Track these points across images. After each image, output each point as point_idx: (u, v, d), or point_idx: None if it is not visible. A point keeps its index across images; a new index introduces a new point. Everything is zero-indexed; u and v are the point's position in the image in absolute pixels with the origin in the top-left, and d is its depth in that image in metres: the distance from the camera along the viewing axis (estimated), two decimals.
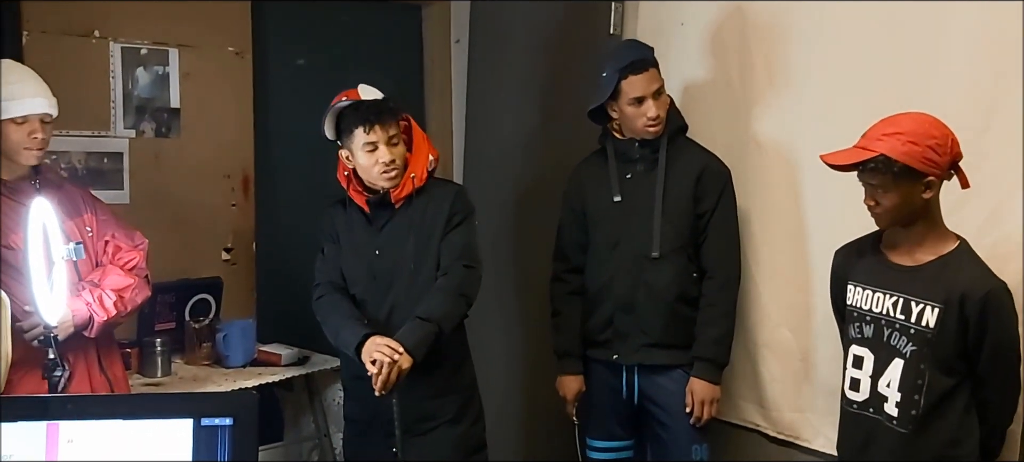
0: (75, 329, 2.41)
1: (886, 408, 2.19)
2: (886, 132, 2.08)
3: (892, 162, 2.05)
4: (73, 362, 2.43)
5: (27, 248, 2.09)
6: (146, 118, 3.31)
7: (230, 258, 3.52)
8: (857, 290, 2.27)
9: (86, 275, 2.53)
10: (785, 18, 2.85)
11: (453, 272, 2.60)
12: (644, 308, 2.78)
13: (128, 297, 2.53)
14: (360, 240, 2.67)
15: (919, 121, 2.09)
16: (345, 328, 2.57)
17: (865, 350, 2.24)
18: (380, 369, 2.43)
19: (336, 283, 2.68)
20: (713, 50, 3.07)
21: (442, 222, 2.63)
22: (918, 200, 2.09)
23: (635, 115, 2.73)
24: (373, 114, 2.57)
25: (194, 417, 1.43)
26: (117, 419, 1.44)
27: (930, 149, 2.05)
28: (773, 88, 2.90)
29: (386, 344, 2.46)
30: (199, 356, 3.23)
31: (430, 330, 2.51)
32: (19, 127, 2.40)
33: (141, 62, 3.29)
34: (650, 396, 2.83)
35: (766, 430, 2.99)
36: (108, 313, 2.46)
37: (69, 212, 2.52)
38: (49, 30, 3.03)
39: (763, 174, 2.90)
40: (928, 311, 2.11)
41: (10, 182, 2.44)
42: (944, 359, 2.11)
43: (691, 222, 2.78)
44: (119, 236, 2.62)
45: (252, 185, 3.58)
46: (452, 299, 2.58)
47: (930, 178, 2.07)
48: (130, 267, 2.59)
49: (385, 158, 2.56)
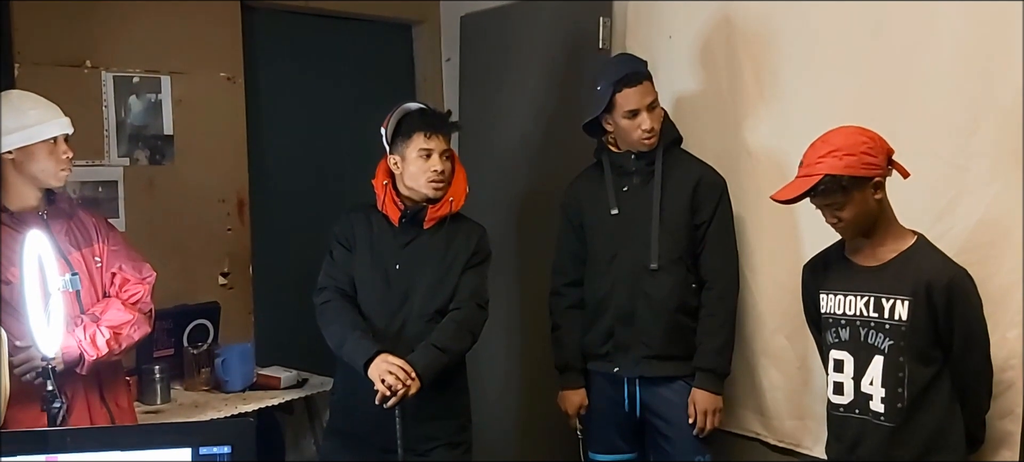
0: (65, 366, 2.37)
1: (871, 406, 2.24)
2: (821, 154, 2.18)
3: (838, 178, 2.15)
4: (71, 395, 2.41)
5: (22, 281, 2.09)
6: (140, 146, 3.31)
7: (227, 282, 3.52)
8: (829, 297, 2.33)
9: (89, 305, 2.50)
10: (772, 25, 2.87)
11: (466, 309, 2.64)
12: (644, 320, 2.78)
13: (125, 334, 2.49)
14: (381, 249, 2.67)
15: (846, 133, 2.20)
16: (352, 340, 2.57)
17: (844, 353, 2.29)
18: (390, 390, 2.45)
19: (343, 289, 2.67)
20: (702, 61, 3.08)
21: (465, 257, 2.66)
22: (872, 203, 2.18)
23: (630, 128, 2.74)
24: (438, 122, 2.63)
25: (192, 446, 1.43)
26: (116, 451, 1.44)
27: (865, 154, 2.15)
28: (762, 96, 2.92)
29: (400, 367, 2.47)
30: (198, 382, 3.23)
31: (442, 359, 2.55)
32: (53, 149, 2.42)
33: (133, 90, 3.30)
34: (652, 408, 2.83)
35: (767, 439, 2.99)
36: (99, 352, 2.41)
37: (79, 241, 2.51)
38: (41, 61, 3.04)
39: (755, 182, 2.91)
40: (899, 304, 2.18)
41: (16, 213, 2.41)
42: (920, 349, 2.18)
43: (689, 233, 2.78)
44: (127, 268, 2.59)
45: (247, 208, 3.58)
46: (463, 334, 2.62)
47: (876, 179, 2.16)
48: (133, 301, 2.56)
49: (437, 166, 2.59)
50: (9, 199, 2.40)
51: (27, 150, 2.39)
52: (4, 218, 2.38)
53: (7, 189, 2.40)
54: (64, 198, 2.58)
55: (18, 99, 2.46)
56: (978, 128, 2.40)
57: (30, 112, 2.41)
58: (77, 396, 2.45)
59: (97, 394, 2.52)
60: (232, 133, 3.54)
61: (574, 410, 2.90)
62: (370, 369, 2.49)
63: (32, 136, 2.38)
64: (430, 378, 2.52)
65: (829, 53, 2.73)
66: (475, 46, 3.85)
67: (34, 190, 2.44)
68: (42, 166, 2.41)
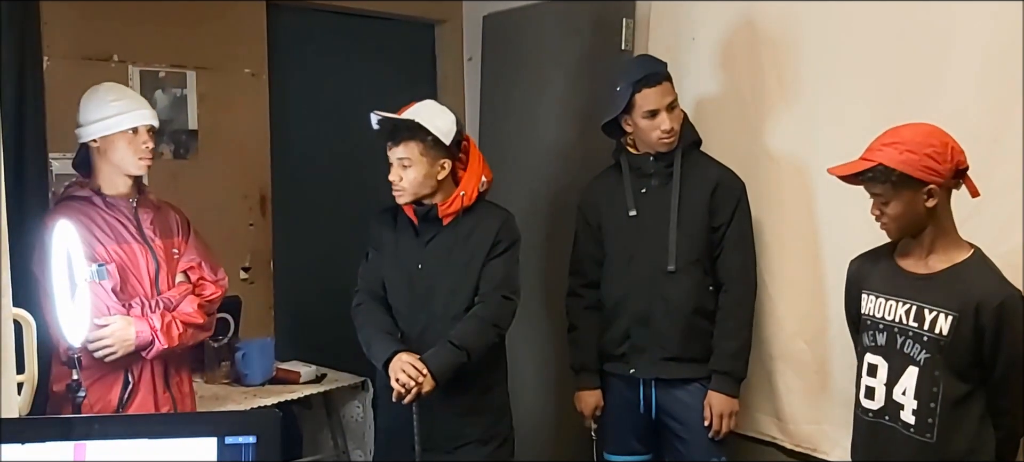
0: (136, 349, 2.48)
1: (902, 416, 2.19)
2: (886, 142, 2.13)
3: (890, 171, 2.09)
4: (138, 376, 2.53)
5: (50, 270, 2.13)
6: (164, 140, 3.34)
7: (248, 277, 3.55)
8: (871, 298, 2.28)
9: (164, 290, 2.59)
10: (796, 29, 2.86)
11: (489, 301, 2.63)
12: (661, 322, 2.78)
13: (191, 334, 2.60)
14: (405, 251, 2.69)
15: (918, 131, 2.13)
16: (377, 341, 2.61)
17: (879, 358, 2.24)
18: (403, 388, 2.49)
19: (375, 292, 2.71)
20: (724, 63, 3.08)
21: (487, 247, 2.65)
22: (921, 208, 2.11)
23: (649, 128, 2.74)
24: (388, 132, 2.63)
25: (218, 436, 1.45)
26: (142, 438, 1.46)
27: (928, 157, 2.08)
28: (785, 100, 2.91)
29: (412, 365, 2.50)
30: (219, 375, 3.25)
31: (459, 357, 2.55)
32: (132, 139, 2.52)
33: (159, 85, 3.34)
34: (668, 410, 2.83)
35: (783, 443, 2.98)
36: (171, 343, 2.52)
37: (162, 231, 2.63)
38: (69, 55, 3.08)
39: (776, 186, 2.90)
40: (941, 318, 2.12)
41: (110, 197, 2.55)
42: (957, 366, 2.12)
43: (707, 235, 2.78)
44: (205, 268, 2.70)
45: (269, 204, 3.61)
46: (485, 328, 2.61)
47: (931, 186, 2.09)
48: (208, 299, 2.67)
49: (393, 176, 2.62)
50: (103, 184, 2.55)
51: (108, 139, 2.51)
52: (97, 201, 2.53)
53: (99, 174, 2.55)
54: (150, 190, 2.71)
55: (104, 91, 2.57)
56: (1003, 134, 2.39)
57: (112, 104, 2.53)
58: (144, 379, 2.54)
59: (163, 378, 2.60)
60: (255, 129, 3.57)
61: (590, 411, 2.91)
62: (389, 369, 2.54)
63: (111, 126, 2.50)
64: (446, 376, 2.52)
65: (852, 57, 2.72)
66: (497, 46, 3.86)
67: (123, 178, 2.56)
68: (121, 155, 2.52)
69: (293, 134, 3.76)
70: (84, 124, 2.53)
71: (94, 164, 2.56)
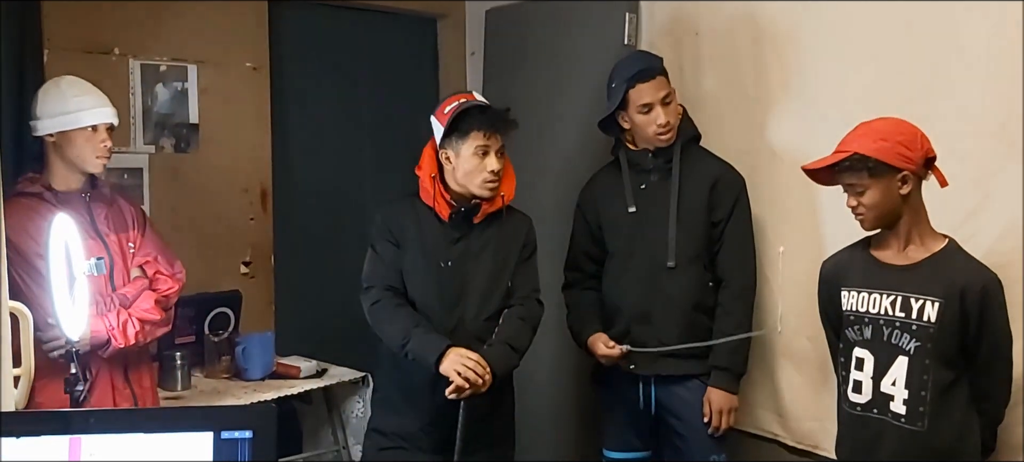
0: (91, 347, 2.43)
1: (892, 407, 2.22)
2: (858, 134, 2.19)
3: (865, 158, 2.13)
4: (95, 372, 2.48)
5: (48, 263, 2.12)
6: (165, 133, 3.34)
7: (248, 271, 3.55)
8: (852, 294, 2.30)
9: (120, 286, 2.56)
10: (799, 24, 2.86)
11: (529, 305, 2.61)
12: (660, 318, 2.78)
13: (148, 330, 2.57)
14: (430, 245, 2.57)
15: (888, 121, 2.19)
16: (418, 336, 2.47)
17: (865, 351, 2.27)
18: (466, 383, 2.40)
19: (394, 287, 2.56)
20: (727, 58, 3.07)
21: (518, 250, 2.62)
22: (896, 196, 2.16)
23: (645, 123, 2.73)
24: (499, 121, 2.53)
25: (214, 430, 1.44)
26: (138, 433, 1.45)
27: (900, 145, 2.13)
28: (787, 95, 2.90)
29: (476, 362, 2.42)
30: (218, 369, 3.25)
31: (514, 359, 2.54)
32: (90, 136, 2.48)
33: (160, 78, 3.33)
34: (667, 406, 2.83)
35: (784, 439, 2.98)
36: (127, 341, 2.49)
37: (116, 226, 2.59)
38: (69, 48, 3.07)
39: (778, 181, 2.89)
40: (928, 306, 2.15)
41: (62, 193, 2.50)
42: (946, 353, 2.16)
43: (706, 231, 2.78)
44: (161, 261, 2.66)
45: (270, 198, 3.60)
46: (528, 331, 2.59)
47: (905, 173, 2.13)
48: (165, 294, 2.63)
49: (494, 166, 2.50)
50: (54, 180, 2.50)
51: (66, 135, 2.48)
52: (48, 196, 2.48)
53: (51, 169, 2.51)
54: (106, 184, 2.66)
55: (66, 85, 2.54)
56: (1007, 130, 2.38)
57: (72, 99, 2.49)
58: (101, 375, 2.51)
59: (121, 374, 2.57)
60: (257, 123, 3.56)
61: (605, 345, 2.79)
62: (443, 363, 2.42)
63: (69, 122, 2.46)
64: (503, 377, 2.49)
65: (855, 53, 2.71)
66: (500, 40, 3.85)
67: (77, 174, 2.52)
68: (79, 152, 2.49)
69: (295, 128, 3.75)
70: (41, 117, 2.48)
71: (47, 159, 2.50)
